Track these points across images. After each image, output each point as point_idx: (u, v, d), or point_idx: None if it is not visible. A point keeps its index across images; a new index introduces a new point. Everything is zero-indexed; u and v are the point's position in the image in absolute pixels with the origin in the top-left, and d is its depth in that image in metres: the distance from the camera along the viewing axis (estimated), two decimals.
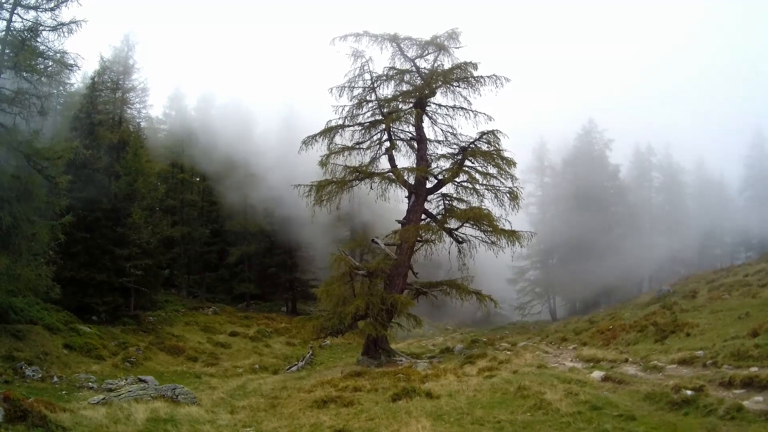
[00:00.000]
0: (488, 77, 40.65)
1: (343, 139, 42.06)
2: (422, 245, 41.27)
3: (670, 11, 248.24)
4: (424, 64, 42.90)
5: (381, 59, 42.72)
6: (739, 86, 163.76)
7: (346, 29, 42.09)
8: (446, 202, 42.24)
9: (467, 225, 40.37)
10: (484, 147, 40.67)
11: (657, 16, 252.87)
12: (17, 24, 32.49)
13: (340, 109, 42.05)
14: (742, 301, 37.46)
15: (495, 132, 40.52)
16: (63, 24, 33.11)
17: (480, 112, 41.29)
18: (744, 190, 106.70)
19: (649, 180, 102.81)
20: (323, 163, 40.63)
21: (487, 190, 40.52)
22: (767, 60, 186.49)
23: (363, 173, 40.96)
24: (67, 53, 33.49)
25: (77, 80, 37.06)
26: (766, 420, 14.73)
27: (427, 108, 42.47)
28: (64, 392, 29.02)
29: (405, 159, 42.97)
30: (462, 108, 41.66)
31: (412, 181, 41.10)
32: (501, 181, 40.31)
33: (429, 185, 41.46)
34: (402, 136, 43.02)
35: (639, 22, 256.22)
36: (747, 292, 40.50)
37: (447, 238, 40.95)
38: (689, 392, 17.19)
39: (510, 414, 17.68)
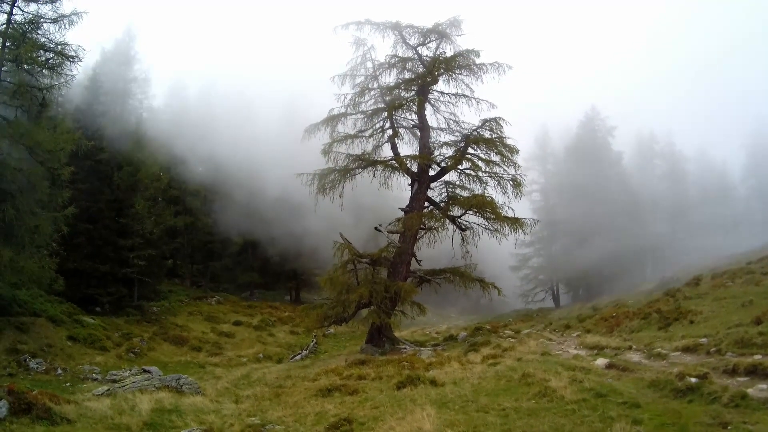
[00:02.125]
0: (490, 65, 40.78)
1: (345, 127, 42.10)
2: (425, 233, 41.27)
3: (679, 3, 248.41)
4: (426, 52, 42.97)
5: (383, 47, 42.98)
6: (741, 74, 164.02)
7: (348, 17, 42.05)
8: (449, 189, 42.28)
9: (470, 212, 40.41)
10: (487, 134, 40.69)
11: (659, 3, 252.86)
12: (18, 17, 32.56)
13: (343, 97, 42.29)
14: (746, 289, 37.38)
15: (497, 119, 40.55)
16: (64, 16, 33.17)
17: (482, 100, 41.42)
18: (746, 178, 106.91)
19: (652, 167, 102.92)
20: (326, 152, 40.68)
21: (490, 177, 40.51)
22: None
23: (366, 161, 40.97)
24: (68, 45, 33.48)
25: (79, 72, 37.00)
26: None
27: (430, 95, 42.54)
28: (68, 384, 29.15)
29: (408, 147, 43.14)
30: (464, 95, 41.75)
31: (415, 168, 41.09)
32: (504, 169, 40.30)
33: (432, 173, 41.43)
34: (404, 123, 43.14)
35: (641, 10, 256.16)
36: (750, 279, 40.42)
37: (450, 226, 40.98)
38: (693, 380, 17.12)
39: (515, 401, 17.65)
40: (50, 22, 33.04)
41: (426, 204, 41.44)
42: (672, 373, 18.25)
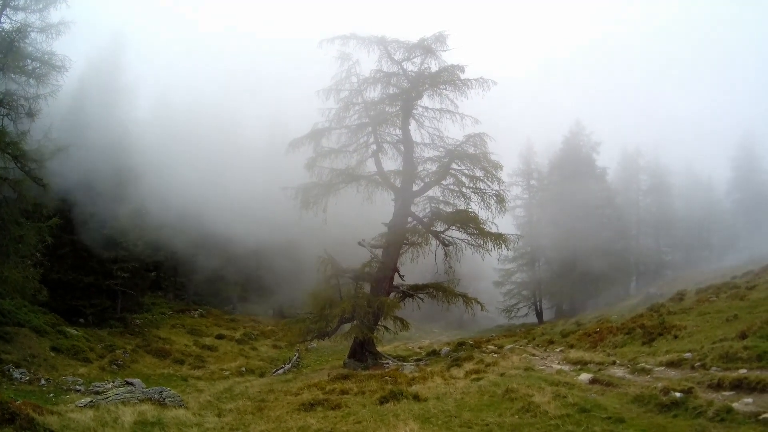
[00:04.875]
0: (475, 80, 40.73)
1: (329, 141, 42.08)
2: (408, 248, 41.23)
3: (657, 14, 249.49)
4: (411, 67, 42.87)
5: (368, 61, 42.60)
6: (726, 88, 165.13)
7: (334, 31, 41.95)
8: (432, 204, 42.19)
9: (453, 228, 40.42)
10: (471, 150, 40.69)
11: (642, 20, 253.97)
12: (6, 25, 32.59)
13: (327, 111, 42.10)
14: (730, 304, 37.41)
15: (481, 135, 40.64)
16: (51, 25, 33.24)
17: (467, 115, 41.43)
18: (731, 192, 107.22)
19: (637, 182, 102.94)
20: (310, 166, 40.70)
21: (474, 193, 40.56)
22: (755, 62, 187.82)
23: (349, 176, 40.88)
24: (55, 54, 33.56)
25: (66, 82, 36.97)
26: (756, 421, 14.74)
27: (414, 111, 42.49)
28: (51, 395, 29.15)
29: (392, 162, 43.05)
30: (449, 111, 41.73)
31: (398, 184, 41.18)
32: (487, 184, 40.34)
33: (415, 188, 41.52)
34: (389, 138, 43.04)
35: (626, 26, 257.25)
36: (735, 294, 40.49)
37: (433, 241, 40.94)
38: (678, 394, 17.19)
39: (498, 417, 17.65)
40: (37, 32, 33.09)
41: (409, 219, 41.50)
42: (656, 387, 18.33)
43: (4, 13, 32.29)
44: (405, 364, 37.29)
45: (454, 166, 40.90)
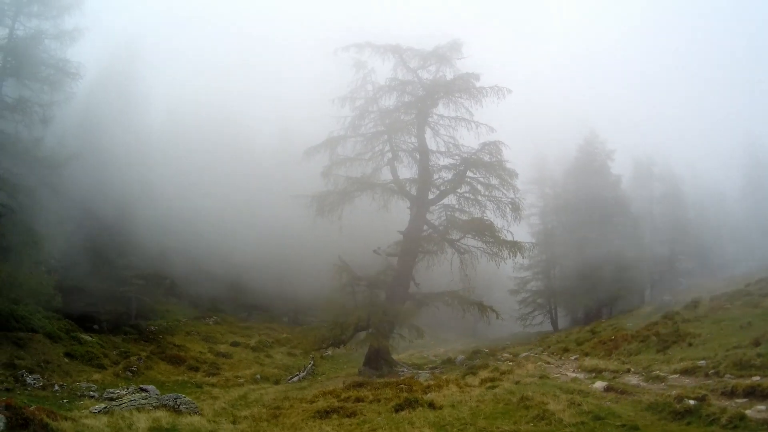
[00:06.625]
0: (490, 88, 40.78)
1: (345, 149, 42.06)
2: (424, 256, 41.20)
3: (668, 23, 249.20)
4: (425, 75, 42.95)
5: (383, 69, 42.62)
6: (738, 95, 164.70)
7: (348, 39, 41.78)
8: (448, 213, 42.14)
9: (469, 236, 40.33)
10: (486, 158, 40.72)
11: (655, 28, 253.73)
12: (20, 32, 32.63)
13: (342, 119, 42.10)
14: (744, 311, 37.30)
15: (497, 143, 40.69)
16: (65, 32, 33.31)
17: (482, 123, 41.43)
18: (743, 199, 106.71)
19: (650, 190, 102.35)
20: (325, 174, 40.68)
21: (489, 201, 40.57)
22: (764, 68, 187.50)
23: (365, 184, 40.82)
24: (69, 61, 33.63)
25: (79, 88, 37.11)
26: None
27: (429, 119, 42.62)
28: (65, 401, 29.04)
29: (407, 170, 43.05)
30: (464, 119, 41.73)
31: (414, 192, 41.14)
32: (503, 192, 40.34)
33: (431, 196, 41.57)
34: (404, 146, 43.05)
35: (638, 35, 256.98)
36: (749, 302, 40.35)
37: (449, 249, 40.85)
38: (692, 402, 17.12)
39: (513, 424, 17.56)
40: (51, 39, 33.17)
41: (425, 227, 41.48)
42: (670, 395, 18.26)
43: (17, 20, 32.36)
44: (420, 372, 37.21)
45: (469, 174, 40.99)
